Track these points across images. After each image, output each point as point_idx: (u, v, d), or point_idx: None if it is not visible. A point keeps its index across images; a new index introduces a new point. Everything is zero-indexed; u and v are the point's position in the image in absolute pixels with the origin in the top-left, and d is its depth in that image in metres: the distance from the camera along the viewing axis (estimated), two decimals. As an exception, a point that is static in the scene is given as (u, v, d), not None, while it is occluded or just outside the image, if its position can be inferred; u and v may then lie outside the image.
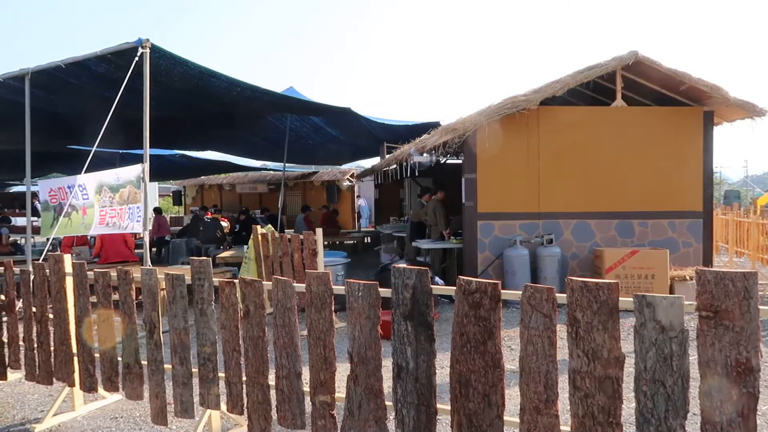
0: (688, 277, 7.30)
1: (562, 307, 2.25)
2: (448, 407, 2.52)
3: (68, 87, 7.92)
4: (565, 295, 2.23)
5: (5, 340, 4.31)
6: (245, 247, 8.01)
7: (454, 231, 8.92)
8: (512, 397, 3.63)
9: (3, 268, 4.29)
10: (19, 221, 15.22)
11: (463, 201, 8.13)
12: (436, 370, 2.57)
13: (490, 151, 7.79)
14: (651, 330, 2.04)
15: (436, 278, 7.84)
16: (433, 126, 10.95)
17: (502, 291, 2.39)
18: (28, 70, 7.20)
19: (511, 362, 4.71)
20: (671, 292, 7.16)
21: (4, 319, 4.30)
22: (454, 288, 2.50)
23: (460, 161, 9.12)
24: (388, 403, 2.69)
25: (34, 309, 4.09)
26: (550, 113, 7.97)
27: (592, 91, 8.67)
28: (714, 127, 8.10)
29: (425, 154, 8.61)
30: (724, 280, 1.93)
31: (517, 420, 2.35)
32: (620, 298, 2.12)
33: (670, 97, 8.14)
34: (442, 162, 10.50)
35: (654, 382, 2.03)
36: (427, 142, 8.30)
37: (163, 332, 3.48)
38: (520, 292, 2.32)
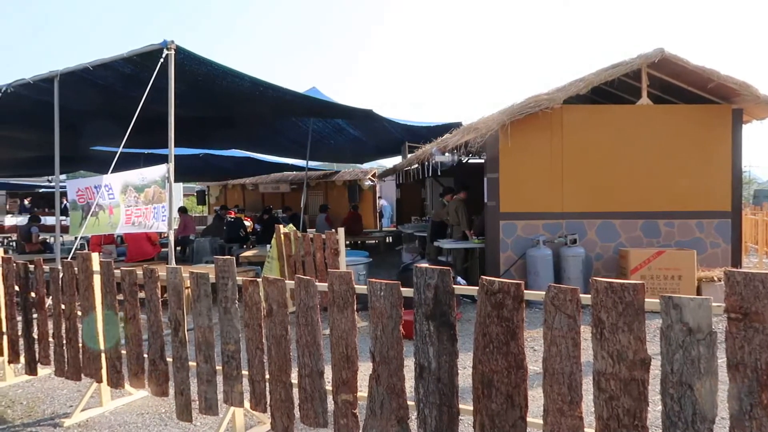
0: (716, 279, 7.15)
1: (586, 308, 2.23)
2: (471, 408, 2.51)
3: (95, 88, 8.06)
4: (589, 295, 2.20)
5: (35, 336, 4.42)
6: (268, 246, 8.07)
7: (478, 231, 8.88)
8: (535, 398, 3.61)
9: (33, 266, 4.39)
10: (48, 220, 15.56)
11: (486, 201, 8.09)
12: (459, 370, 2.56)
13: (512, 150, 7.74)
14: (678, 332, 2.01)
15: (458, 278, 7.81)
16: (454, 126, 10.91)
17: (525, 291, 2.37)
18: (57, 72, 7.36)
19: (534, 363, 4.68)
20: (698, 293, 7.03)
21: (35, 315, 4.40)
22: (477, 288, 2.49)
23: (482, 161, 9.08)
24: (411, 403, 2.69)
25: (63, 306, 4.18)
26: (574, 112, 7.88)
27: (617, 89, 8.55)
28: (743, 125, 7.93)
29: (447, 154, 8.59)
30: (753, 281, 1.89)
31: (540, 421, 2.33)
32: (646, 300, 2.09)
33: (697, 94, 7.99)
34: (464, 162, 10.45)
35: (681, 384, 2.00)
36: (449, 141, 8.27)
37: (187, 330, 3.53)
38: (544, 293, 2.30)
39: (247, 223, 14.51)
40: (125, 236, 9.33)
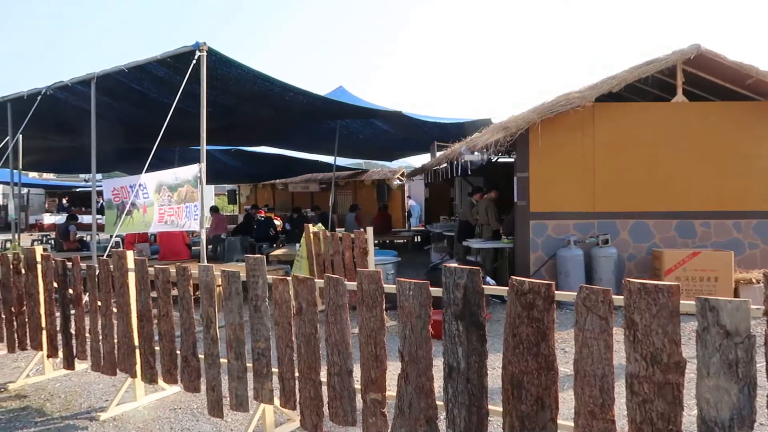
0: (754, 280, 6.95)
1: (618, 310, 2.19)
2: (500, 409, 2.49)
3: (130, 90, 8.25)
4: (621, 297, 2.16)
5: (73, 332, 4.54)
6: (297, 245, 8.14)
7: (507, 231, 8.80)
8: (566, 400, 3.56)
9: (71, 263, 4.51)
10: (85, 219, 15.98)
11: (515, 200, 8.02)
12: (488, 371, 2.54)
13: (543, 149, 7.65)
14: (715, 335, 1.96)
15: (488, 278, 7.76)
16: (484, 123, 10.85)
17: (556, 292, 2.35)
18: (93, 75, 7.55)
19: (564, 365, 4.62)
20: (736, 295, 6.84)
21: (72, 312, 4.53)
22: (506, 288, 2.47)
23: (512, 160, 9.00)
24: (439, 403, 2.68)
25: (99, 303, 4.29)
26: (606, 110, 7.75)
27: (651, 86, 8.37)
28: (783, 122, 7.69)
29: (476, 153, 8.52)
30: (794, 284, 1.83)
31: (571, 424, 2.30)
32: (681, 301, 2.05)
33: (734, 91, 7.77)
34: (493, 160, 10.37)
35: (718, 389, 1.95)
36: (478, 140, 8.21)
37: (219, 327, 3.59)
38: (575, 294, 2.27)
39: (277, 222, 14.66)
40: (159, 235, 9.50)
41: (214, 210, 14.39)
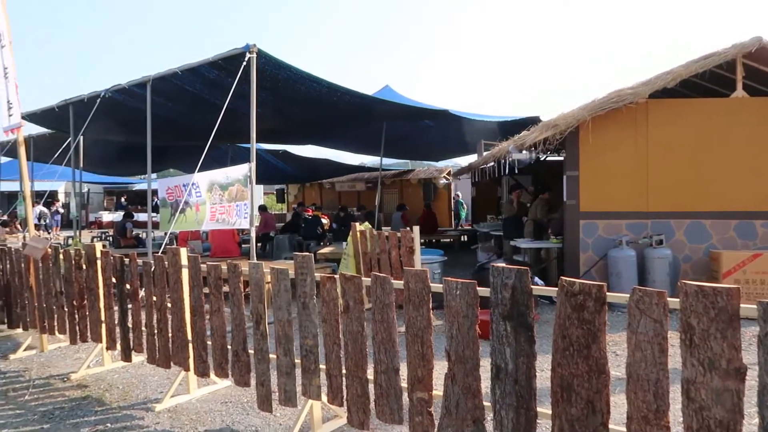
0: (821, 284, 6.60)
1: (673, 313, 2.13)
2: (549, 411, 2.46)
3: (183, 91, 8.51)
4: (676, 299, 2.10)
5: (130, 325, 4.72)
6: (344, 243, 8.21)
7: (556, 230, 8.65)
8: (617, 404, 3.47)
9: (128, 259, 4.69)
10: (141, 216, 16.56)
11: (565, 199, 7.86)
12: (536, 373, 2.51)
13: (593, 147, 7.47)
14: (777, 340, 1.87)
15: (536, 278, 7.64)
16: (532, 121, 10.67)
17: (607, 293, 2.29)
18: (149, 77, 7.83)
19: (615, 368, 4.50)
20: (801, 299, 6.51)
21: (129, 306, 4.71)
22: (556, 289, 2.43)
23: (561, 158, 8.83)
24: (486, 404, 2.66)
25: (154, 298, 4.44)
26: (661, 106, 7.50)
27: (708, 81, 8.06)
28: None
29: (524, 151, 8.39)
30: None
31: (623, 429, 2.25)
32: (741, 305, 1.97)
33: (800, 85, 7.40)
34: (541, 159, 10.20)
35: (780, 397, 1.87)
36: (527, 138, 8.09)
37: (268, 323, 3.66)
38: (627, 295, 2.21)
39: (324, 220, 14.83)
40: (211, 233, 9.75)
41: (263, 209, 14.67)
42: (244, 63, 6.54)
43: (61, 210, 23.70)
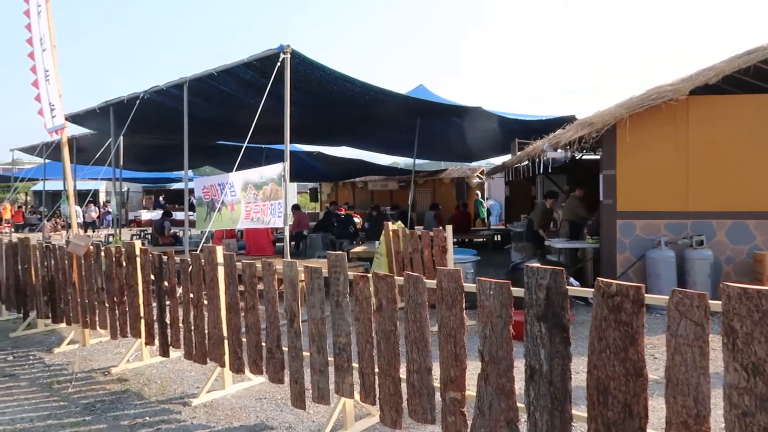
0: None
1: (714, 316, 2.07)
2: (584, 414, 2.42)
3: (219, 91, 8.65)
4: (718, 302, 2.04)
5: (168, 321, 4.83)
6: (376, 242, 8.23)
7: (592, 230, 8.50)
8: (655, 409, 3.40)
9: (166, 257, 4.80)
10: (178, 215, 16.91)
11: (601, 199, 7.71)
12: (572, 375, 2.47)
13: (631, 145, 7.31)
14: (826, 346, 1.80)
15: (571, 279, 7.52)
16: (568, 120, 10.50)
17: (646, 295, 2.24)
18: (186, 79, 7.99)
19: (653, 372, 4.41)
20: None
21: (167, 302, 4.81)
22: (592, 290, 2.39)
23: (597, 157, 8.67)
24: (520, 405, 2.64)
25: (191, 295, 4.53)
26: (702, 103, 7.29)
27: (752, 77, 7.79)
28: None
29: (559, 150, 8.27)
30: None
31: (662, 434, 2.20)
32: (787, 309, 1.90)
33: None
34: (577, 158, 10.03)
35: (829, 404, 1.80)
36: (562, 137, 7.97)
37: (302, 321, 3.70)
38: (666, 297, 2.16)
39: (357, 219, 14.88)
40: (246, 231, 9.89)
41: (296, 208, 14.82)
42: (279, 63, 6.61)
43: (111, 210, 24.45)
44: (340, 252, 3.49)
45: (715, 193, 7.28)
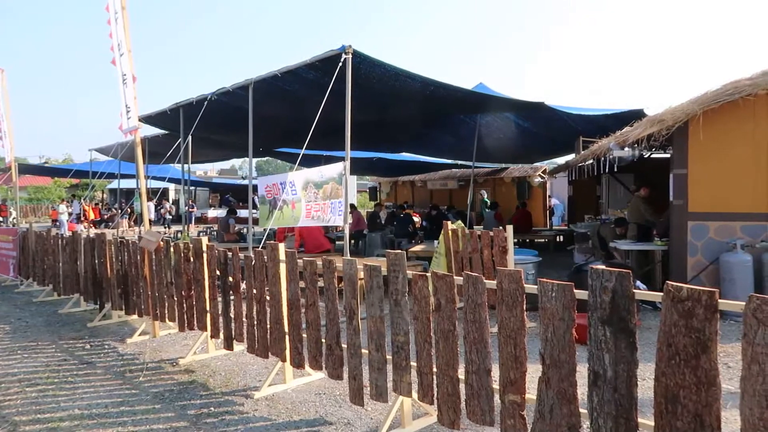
0: None
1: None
2: (651, 423, 2.33)
3: (283, 92, 8.84)
4: (802, 309, 1.91)
5: (232, 315, 4.98)
6: (435, 242, 8.20)
7: (661, 232, 8.17)
8: (728, 420, 3.23)
9: (231, 253, 4.95)
10: (242, 213, 17.44)
11: (671, 199, 7.39)
12: (638, 382, 2.38)
13: (704, 143, 6.96)
14: None
15: (638, 282, 7.24)
16: (636, 114, 10.11)
17: (720, 301, 2.13)
18: (251, 80, 8.21)
19: (727, 381, 4.19)
20: None
21: (231, 297, 4.97)
22: (660, 294, 2.29)
23: (667, 155, 8.31)
24: (582, 411, 2.57)
25: (254, 290, 4.66)
26: (784, 98, 6.85)
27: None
28: None
29: (626, 149, 7.97)
30: None
31: (736, 447, 2.09)
32: None
33: None
34: (645, 156, 9.65)
35: None
36: (629, 135, 7.68)
37: (361, 319, 3.73)
38: (743, 303, 2.05)
39: (415, 218, 14.87)
40: (299, 230, 10.02)
41: (352, 208, 14.96)
42: (340, 64, 6.69)
43: (193, 208, 25.47)
44: (400, 251, 3.50)
45: (798, 193, 6.83)
